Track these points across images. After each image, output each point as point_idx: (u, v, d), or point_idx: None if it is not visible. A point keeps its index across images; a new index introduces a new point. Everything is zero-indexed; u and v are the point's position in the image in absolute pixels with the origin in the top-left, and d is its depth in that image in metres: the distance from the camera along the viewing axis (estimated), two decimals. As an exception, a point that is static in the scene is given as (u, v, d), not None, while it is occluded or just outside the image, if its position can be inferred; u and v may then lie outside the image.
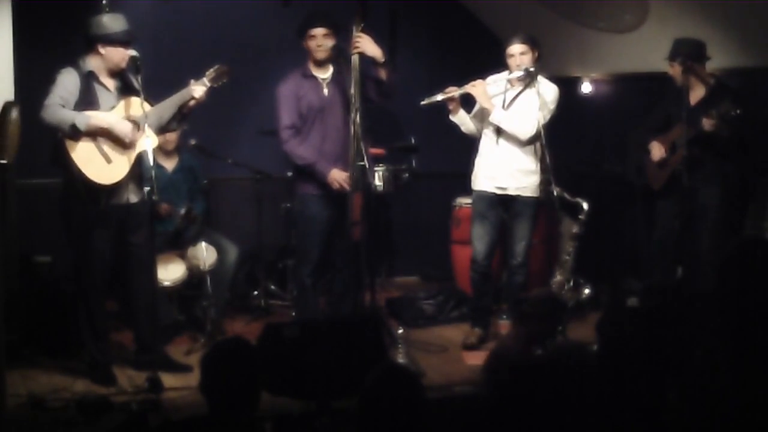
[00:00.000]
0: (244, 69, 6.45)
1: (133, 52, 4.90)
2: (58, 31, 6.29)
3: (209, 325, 5.64)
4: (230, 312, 6.29)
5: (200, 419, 3.14)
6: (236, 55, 6.68)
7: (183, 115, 5.18)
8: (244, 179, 6.70)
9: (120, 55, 4.95)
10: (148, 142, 4.93)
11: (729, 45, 5.77)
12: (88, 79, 4.94)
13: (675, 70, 5.55)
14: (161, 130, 5.23)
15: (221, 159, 6.35)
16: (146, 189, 4.83)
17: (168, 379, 4.93)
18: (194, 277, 5.84)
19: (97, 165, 4.88)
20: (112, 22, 4.96)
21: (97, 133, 4.86)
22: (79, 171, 4.84)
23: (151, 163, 4.81)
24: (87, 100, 4.90)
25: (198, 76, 5.16)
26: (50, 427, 4.52)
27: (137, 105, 4.95)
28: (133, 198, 5.07)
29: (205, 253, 5.78)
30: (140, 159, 5.03)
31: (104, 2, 6.09)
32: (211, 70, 5.15)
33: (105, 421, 4.50)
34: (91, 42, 4.96)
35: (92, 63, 4.97)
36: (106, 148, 4.89)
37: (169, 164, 6.08)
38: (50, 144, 4.96)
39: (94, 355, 5.12)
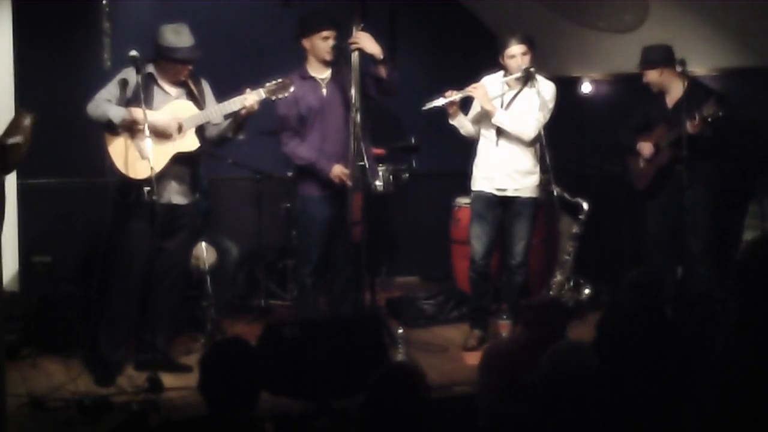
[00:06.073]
0: (244, 69, 6.46)
1: (133, 52, 4.89)
2: (58, 30, 6.30)
3: (209, 325, 5.63)
4: (230, 312, 6.29)
5: (200, 419, 3.14)
6: (236, 55, 6.70)
7: (238, 124, 5.16)
8: (244, 179, 6.70)
9: (177, 71, 4.99)
10: (190, 144, 4.99)
11: (729, 45, 5.78)
12: (147, 79, 4.96)
13: (651, 76, 5.66)
14: (219, 140, 5.24)
15: (221, 159, 6.35)
16: (146, 189, 4.81)
17: (168, 379, 4.92)
18: (194, 277, 5.84)
19: (130, 159, 4.91)
20: (175, 37, 4.95)
21: (133, 127, 4.87)
22: (112, 162, 4.90)
23: (152, 163, 4.79)
24: (141, 98, 4.87)
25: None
26: (50, 427, 4.53)
27: (186, 107, 5.01)
28: (177, 199, 5.07)
29: (205, 253, 5.78)
30: (191, 162, 5.07)
31: (104, 2, 6.10)
32: (273, 82, 5.11)
33: (105, 421, 4.50)
34: (155, 50, 5.00)
35: (153, 66, 5.02)
36: (143, 144, 4.86)
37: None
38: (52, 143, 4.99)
39: (105, 355, 5.11)
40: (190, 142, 5.02)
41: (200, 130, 5.11)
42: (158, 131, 4.89)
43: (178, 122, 4.95)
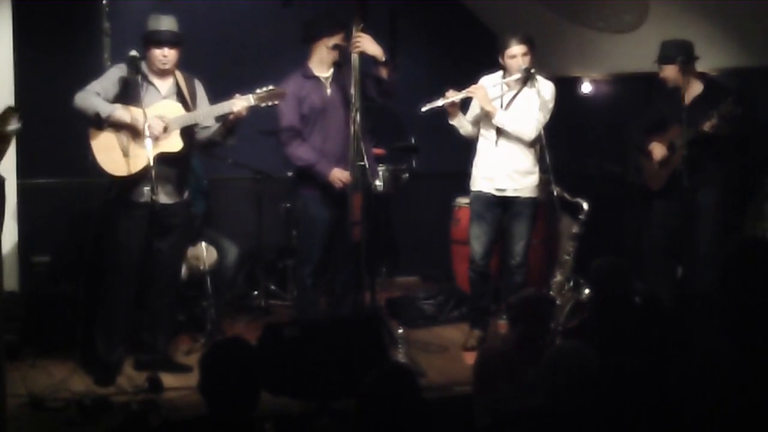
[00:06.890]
0: (244, 69, 6.46)
1: (133, 52, 4.89)
2: (58, 30, 6.30)
3: (209, 325, 5.63)
4: (230, 312, 6.29)
5: (200, 419, 3.14)
6: (236, 55, 6.70)
7: (227, 129, 5.11)
8: (244, 179, 6.70)
9: (158, 56, 4.96)
10: (174, 144, 4.95)
11: (729, 45, 5.77)
12: (140, 77, 4.94)
13: (669, 72, 5.56)
14: (208, 144, 5.21)
15: (221, 159, 6.35)
16: (146, 189, 4.81)
17: (168, 379, 4.93)
18: (194, 277, 5.84)
19: (112, 156, 4.89)
20: (155, 21, 4.97)
21: (120, 126, 4.86)
22: (94, 158, 4.88)
23: (152, 163, 4.78)
24: (130, 95, 4.87)
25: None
26: (50, 427, 4.53)
27: (173, 108, 4.98)
28: (164, 199, 5.02)
29: (205, 253, 5.78)
30: (177, 162, 5.03)
31: (104, 2, 6.09)
32: (264, 89, 5.06)
33: (105, 421, 4.50)
34: (143, 42, 5.00)
35: (145, 62, 5.01)
36: (127, 141, 4.88)
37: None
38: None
39: (102, 355, 5.10)
40: (173, 143, 4.97)
41: (189, 132, 5.08)
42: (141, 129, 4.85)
43: (163, 122, 4.90)
